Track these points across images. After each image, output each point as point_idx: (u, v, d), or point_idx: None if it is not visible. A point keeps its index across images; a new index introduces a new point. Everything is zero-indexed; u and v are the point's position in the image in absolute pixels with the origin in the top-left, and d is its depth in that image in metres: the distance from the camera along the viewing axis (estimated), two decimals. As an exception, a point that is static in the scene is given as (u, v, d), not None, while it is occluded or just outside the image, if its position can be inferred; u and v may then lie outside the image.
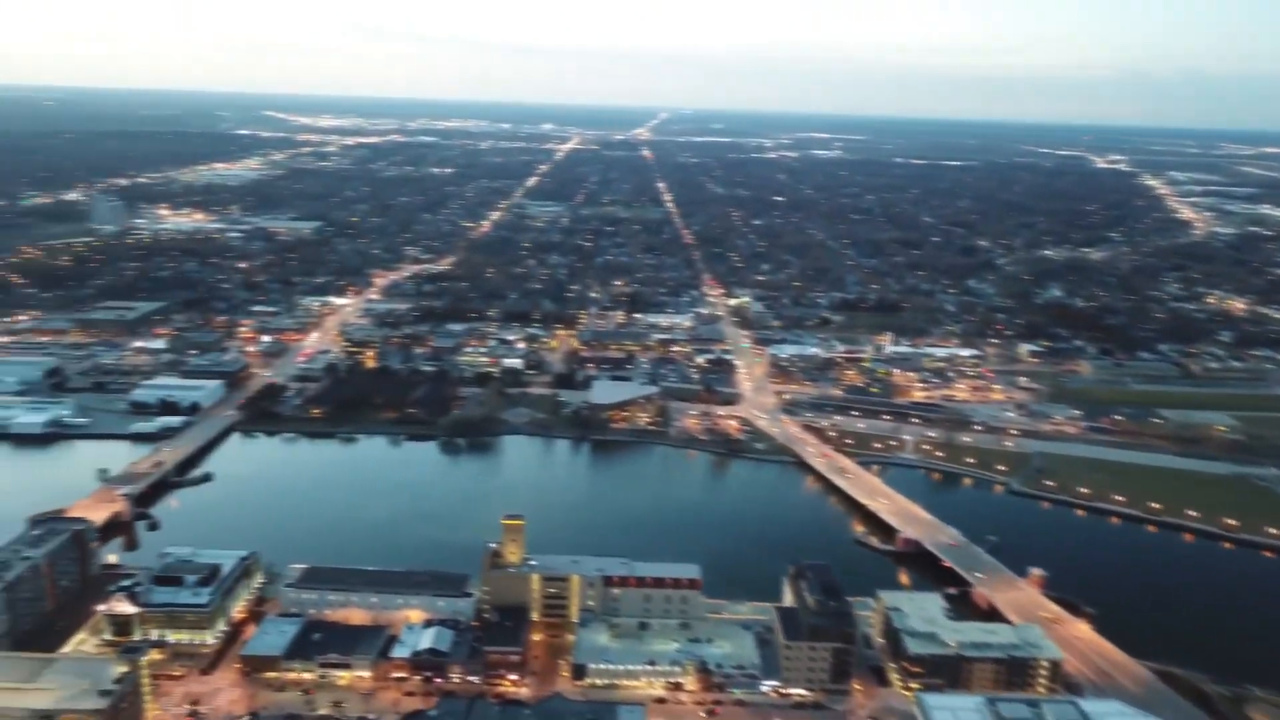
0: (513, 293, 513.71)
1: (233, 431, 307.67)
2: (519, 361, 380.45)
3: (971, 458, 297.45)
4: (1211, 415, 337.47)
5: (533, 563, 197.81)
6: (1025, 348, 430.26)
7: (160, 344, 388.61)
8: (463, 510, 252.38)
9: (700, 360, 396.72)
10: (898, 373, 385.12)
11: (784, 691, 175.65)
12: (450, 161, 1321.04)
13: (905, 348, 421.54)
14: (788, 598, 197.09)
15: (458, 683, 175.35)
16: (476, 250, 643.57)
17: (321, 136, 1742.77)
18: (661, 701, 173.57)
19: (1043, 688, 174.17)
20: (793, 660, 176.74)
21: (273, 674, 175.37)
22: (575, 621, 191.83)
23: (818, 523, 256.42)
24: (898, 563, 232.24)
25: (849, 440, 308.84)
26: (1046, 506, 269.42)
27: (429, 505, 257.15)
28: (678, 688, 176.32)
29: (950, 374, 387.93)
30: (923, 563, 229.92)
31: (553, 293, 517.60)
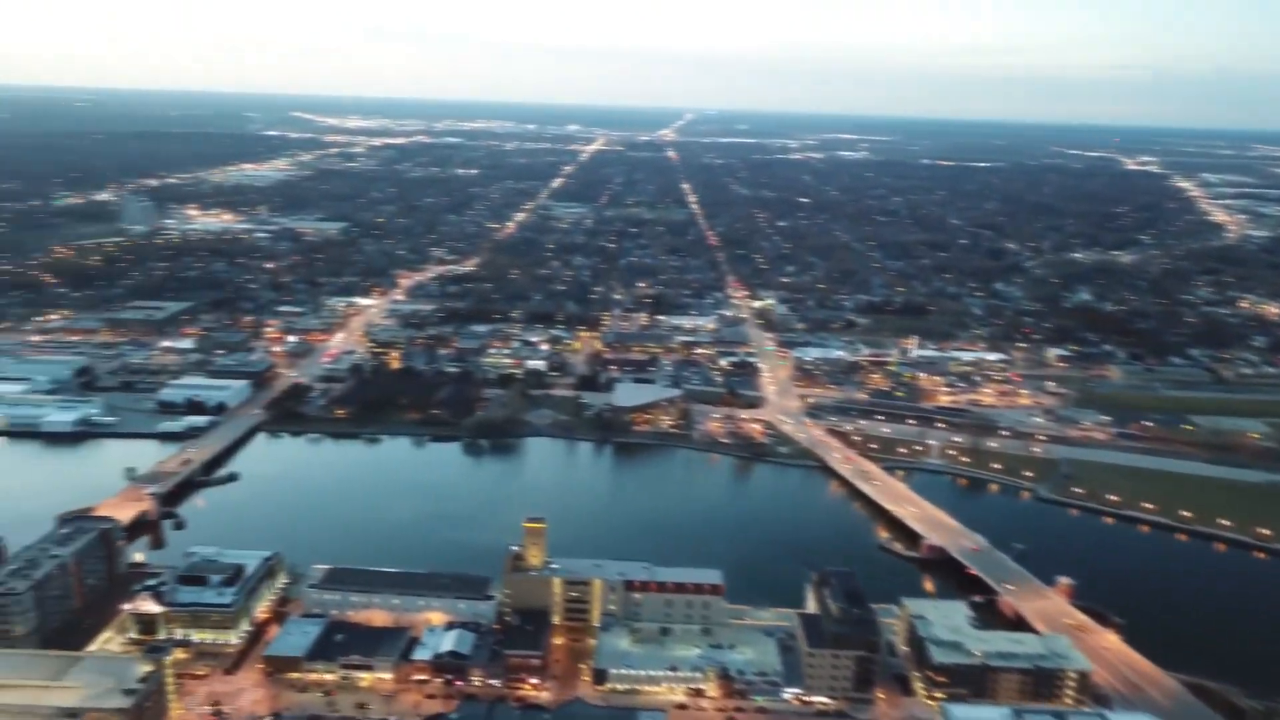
0: (537, 294, 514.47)
1: (258, 431, 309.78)
2: (542, 363, 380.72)
3: (998, 463, 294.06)
4: (1244, 422, 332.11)
5: (554, 566, 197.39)
6: (1053, 352, 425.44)
7: (188, 344, 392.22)
8: (485, 512, 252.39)
9: (724, 363, 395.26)
10: (923, 376, 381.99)
11: (806, 699, 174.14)
12: (476, 162, 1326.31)
13: (931, 351, 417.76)
14: (811, 604, 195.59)
15: (478, 686, 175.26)
16: (501, 251, 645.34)
17: (348, 137, 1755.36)
18: (683, 708, 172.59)
19: (1070, 699, 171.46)
20: (815, 668, 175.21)
21: (295, 675, 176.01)
22: (596, 626, 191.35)
23: (841, 528, 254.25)
24: (922, 570, 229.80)
25: (873, 445, 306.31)
26: (1074, 514, 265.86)
27: (451, 506, 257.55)
28: (699, 694, 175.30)
29: (977, 378, 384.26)
30: (948, 570, 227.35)
31: (576, 294, 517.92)
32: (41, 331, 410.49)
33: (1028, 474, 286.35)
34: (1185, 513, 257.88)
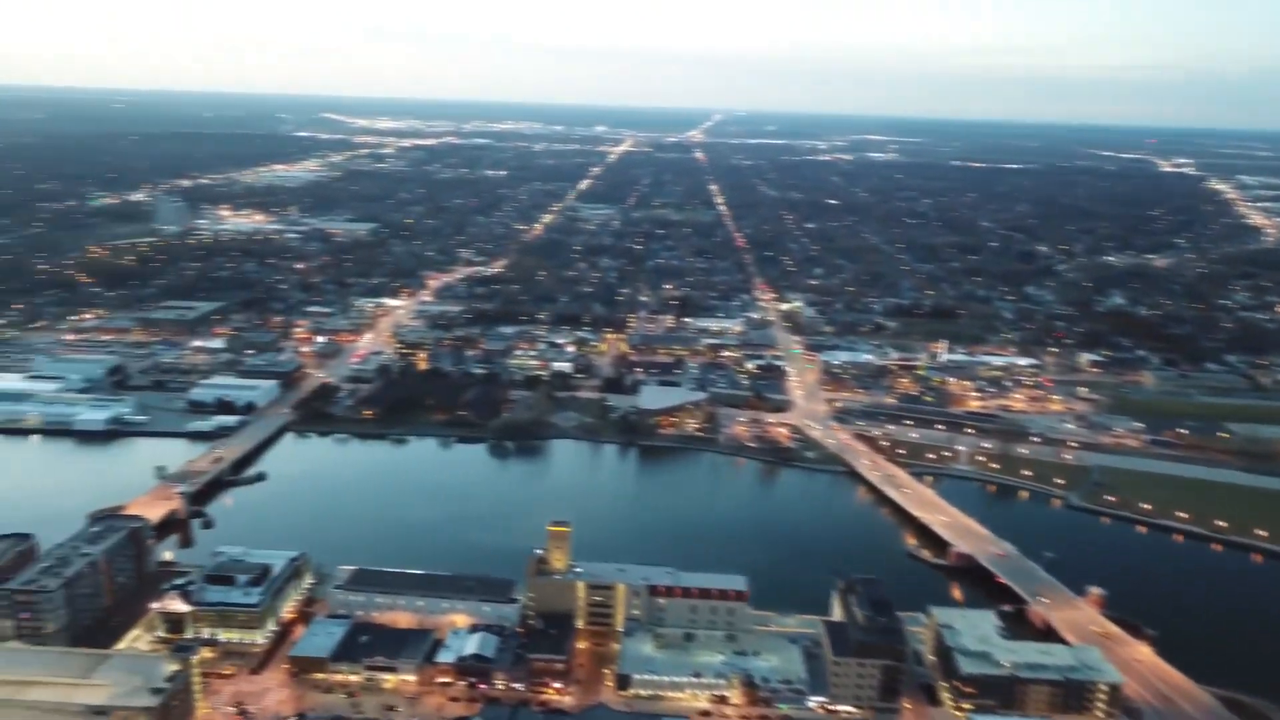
0: (563, 296, 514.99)
1: (286, 431, 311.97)
2: (568, 365, 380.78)
3: (1028, 470, 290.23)
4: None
5: (578, 570, 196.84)
6: (1085, 357, 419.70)
7: (218, 343, 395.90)
8: (509, 514, 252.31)
9: (750, 366, 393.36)
10: (953, 381, 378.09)
11: (831, 708, 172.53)
12: (504, 164, 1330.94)
13: (961, 356, 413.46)
14: (836, 611, 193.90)
15: (502, 689, 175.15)
16: (528, 253, 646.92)
17: (378, 138, 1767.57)
18: (706, 715, 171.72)
19: (1101, 712, 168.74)
20: (841, 676, 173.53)
21: (320, 675, 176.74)
22: (620, 631, 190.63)
23: (868, 534, 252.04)
24: (950, 578, 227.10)
25: (902, 450, 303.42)
26: (1106, 522, 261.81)
27: (476, 508, 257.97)
28: (723, 701, 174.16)
29: (1007, 383, 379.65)
30: (976, 578, 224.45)
31: (603, 296, 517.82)
32: (76, 330, 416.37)
33: (1059, 481, 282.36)
34: (1221, 522, 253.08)
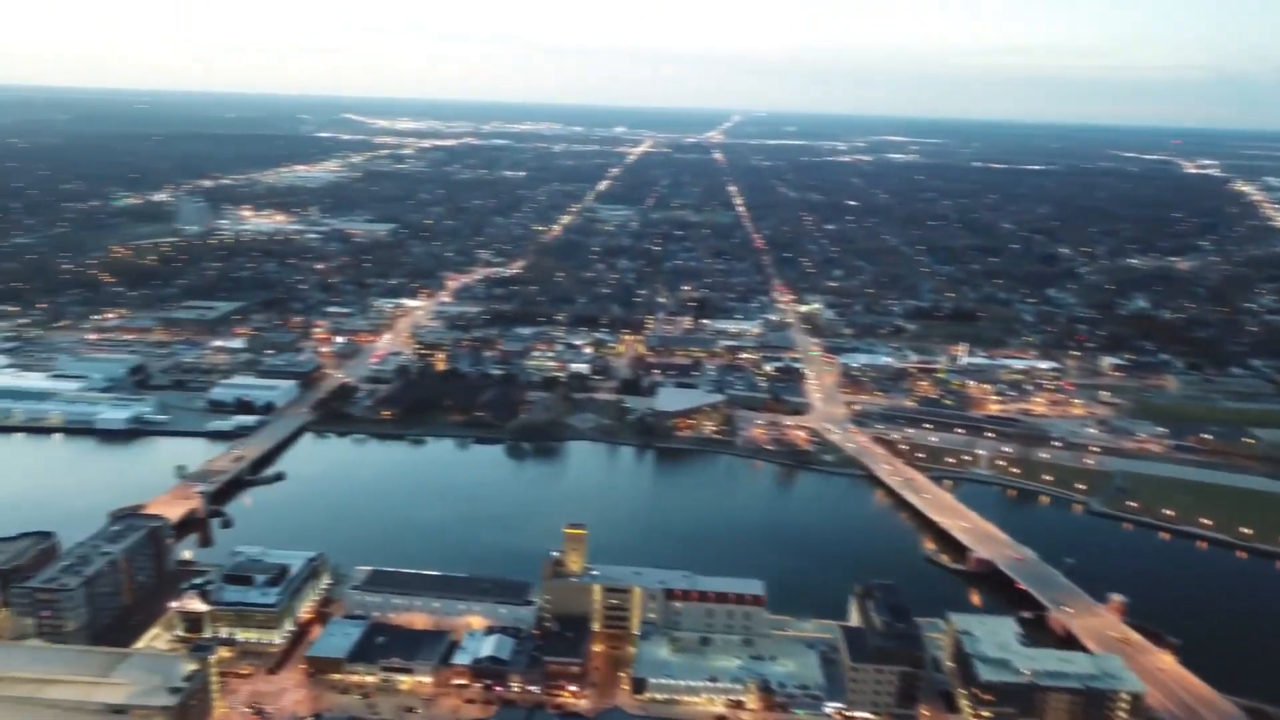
0: (581, 297, 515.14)
1: (305, 431, 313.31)
2: (585, 367, 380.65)
3: (1049, 475, 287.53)
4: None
5: (594, 573, 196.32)
6: (1108, 361, 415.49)
7: (239, 343, 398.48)
8: (526, 515, 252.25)
9: (768, 368, 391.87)
10: (973, 385, 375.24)
11: (848, 714, 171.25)
12: (523, 164, 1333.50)
13: (981, 359, 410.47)
14: (854, 617, 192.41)
15: (517, 692, 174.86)
16: (546, 254, 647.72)
17: (398, 139, 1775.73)
18: (722, 719, 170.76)
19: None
20: (858, 682, 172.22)
21: (337, 676, 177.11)
22: (636, 634, 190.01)
23: (886, 539, 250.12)
24: (969, 583, 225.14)
25: (921, 454, 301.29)
26: (1128, 528, 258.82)
27: (493, 509, 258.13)
28: (739, 706, 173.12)
29: (1028, 387, 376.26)
30: (996, 584, 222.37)
31: (621, 297, 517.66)
32: (98, 330, 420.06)
33: (1080, 486, 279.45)
34: (1245, 530, 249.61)
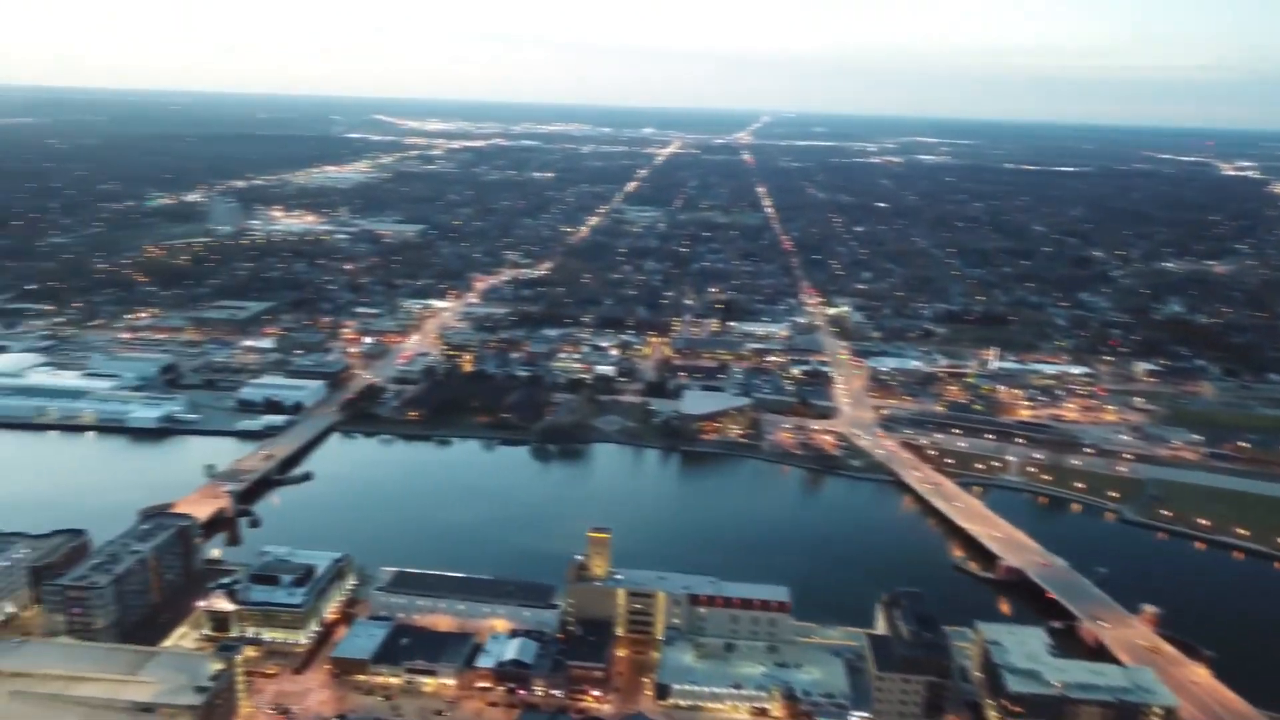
0: (608, 299, 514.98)
1: (333, 431, 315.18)
2: (611, 369, 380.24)
3: (1081, 482, 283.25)
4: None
5: (618, 576, 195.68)
6: (1141, 366, 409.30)
7: (268, 343, 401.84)
8: (550, 518, 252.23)
9: (796, 371, 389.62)
10: (1003, 389, 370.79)
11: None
12: (551, 165, 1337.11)
13: (1012, 363, 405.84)
14: (880, 625, 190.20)
15: (541, 696, 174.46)
16: (574, 255, 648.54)
17: (428, 140, 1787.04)
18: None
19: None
20: (884, 692, 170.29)
21: (361, 677, 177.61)
22: (660, 639, 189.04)
23: (914, 546, 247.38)
24: (998, 592, 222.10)
25: (950, 460, 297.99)
26: (1162, 537, 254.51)
27: (518, 512, 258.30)
28: (763, 713, 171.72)
29: (1059, 392, 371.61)
30: (1025, 593, 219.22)
31: (647, 299, 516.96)
32: (131, 329, 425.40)
33: (1112, 494, 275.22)
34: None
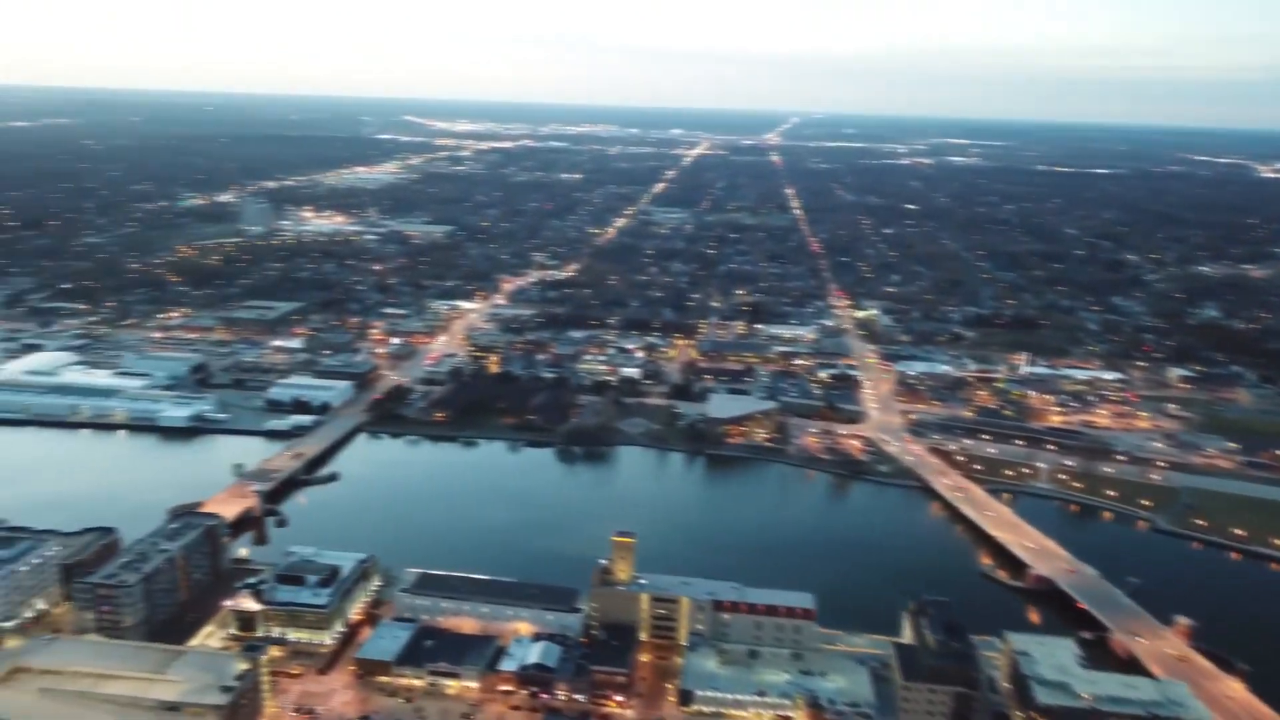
0: (634, 300, 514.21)
1: (360, 432, 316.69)
2: (637, 371, 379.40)
3: (1112, 490, 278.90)
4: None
5: (642, 581, 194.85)
6: (1176, 372, 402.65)
7: (297, 343, 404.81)
8: (574, 521, 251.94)
9: (823, 375, 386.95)
10: (1033, 395, 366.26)
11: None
12: (579, 167, 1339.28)
13: (1042, 368, 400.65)
14: (907, 633, 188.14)
15: (563, 700, 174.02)
16: (600, 257, 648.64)
17: (457, 141, 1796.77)
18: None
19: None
20: (910, 702, 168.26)
21: (385, 678, 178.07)
22: (684, 645, 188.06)
23: (942, 553, 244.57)
24: (1027, 601, 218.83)
25: (978, 466, 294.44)
26: (1196, 548, 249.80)
27: (542, 514, 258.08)
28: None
29: (1091, 398, 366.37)
30: (1055, 603, 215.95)
31: (673, 301, 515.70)
32: (163, 328, 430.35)
33: (1145, 503, 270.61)
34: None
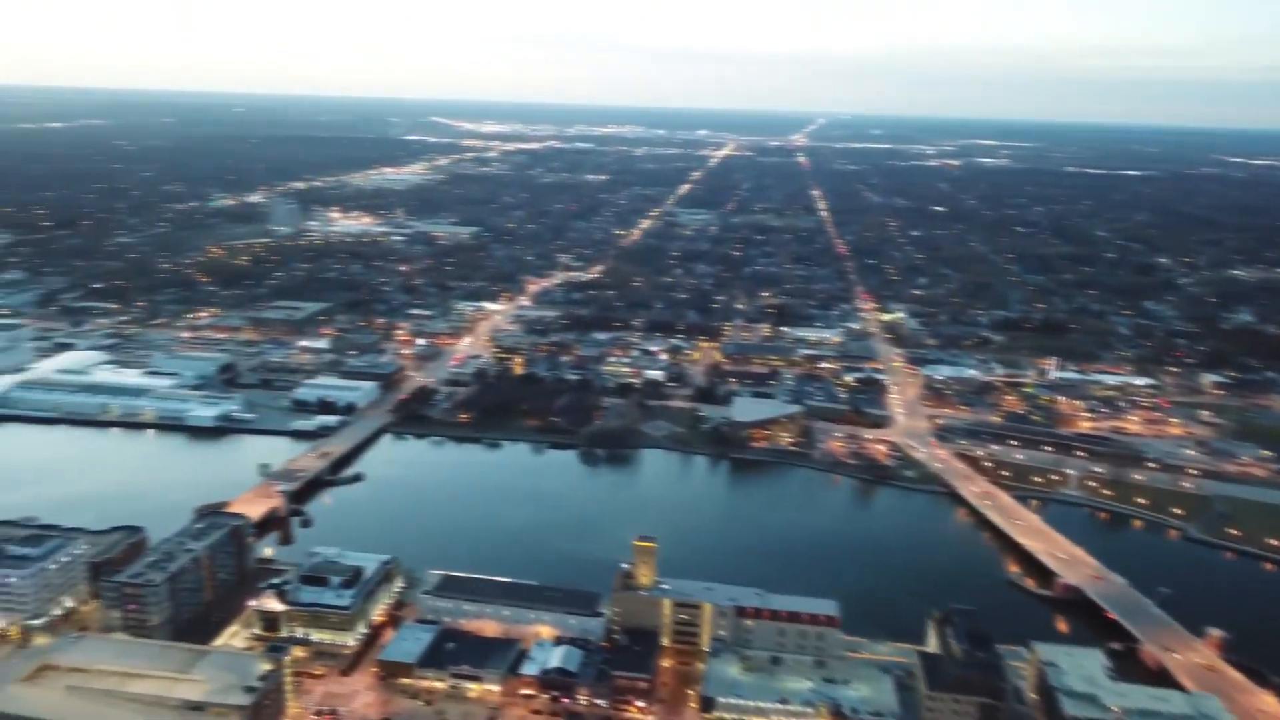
0: (658, 303, 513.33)
1: (384, 433, 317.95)
2: (660, 373, 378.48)
3: (1143, 498, 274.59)
4: None
5: (664, 586, 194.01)
6: (1208, 378, 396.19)
7: (323, 344, 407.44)
8: (597, 524, 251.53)
9: (848, 379, 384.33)
10: (1062, 400, 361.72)
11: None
12: (605, 168, 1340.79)
13: (1072, 373, 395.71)
14: (932, 642, 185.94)
15: (584, 705, 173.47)
16: (625, 258, 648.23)
17: (483, 142, 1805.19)
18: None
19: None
20: (935, 712, 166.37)
21: (407, 680, 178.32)
22: (706, 651, 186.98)
23: (968, 560, 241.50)
24: (1055, 610, 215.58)
25: (1006, 472, 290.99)
26: (1229, 557, 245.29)
27: (565, 517, 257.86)
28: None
29: (1122, 404, 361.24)
30: (1083, 612, 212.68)
31: (698, 303, 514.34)
32: (192, 328, 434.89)
33: (1176, 511, 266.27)
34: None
